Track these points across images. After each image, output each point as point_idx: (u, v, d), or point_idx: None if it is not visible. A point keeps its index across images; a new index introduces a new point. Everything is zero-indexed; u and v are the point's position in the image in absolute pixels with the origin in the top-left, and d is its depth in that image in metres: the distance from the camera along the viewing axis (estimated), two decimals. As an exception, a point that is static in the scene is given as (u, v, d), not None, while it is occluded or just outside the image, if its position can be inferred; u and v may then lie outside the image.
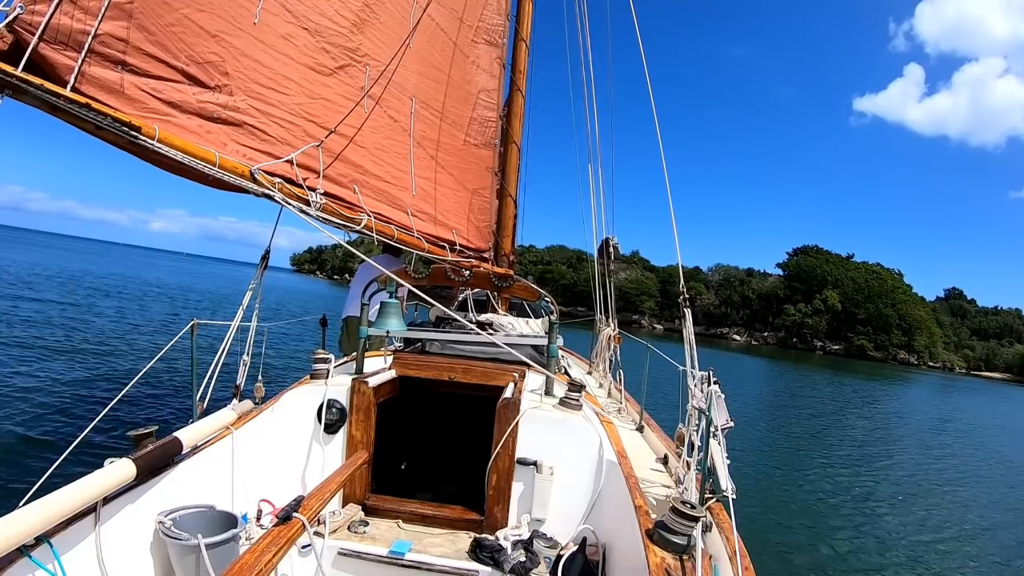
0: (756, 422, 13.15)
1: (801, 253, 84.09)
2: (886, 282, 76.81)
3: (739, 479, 7.35)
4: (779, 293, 78.88)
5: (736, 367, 31.81)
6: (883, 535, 6.57)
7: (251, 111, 3.04)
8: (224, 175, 2.64)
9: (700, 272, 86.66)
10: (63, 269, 32.49)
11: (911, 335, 73.01)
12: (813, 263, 79.91)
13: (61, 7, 2.07)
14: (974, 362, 75.89)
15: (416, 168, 4.45)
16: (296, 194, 3.09)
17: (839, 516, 7.06)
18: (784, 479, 8.53)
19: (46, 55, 2.07)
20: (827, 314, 74.39)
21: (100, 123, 2.12)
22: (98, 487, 1.79)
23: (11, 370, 8.18)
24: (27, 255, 39.13)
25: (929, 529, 6.94)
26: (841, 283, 76.26)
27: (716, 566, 1.79)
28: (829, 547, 5.95)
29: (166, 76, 2.57)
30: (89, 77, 2.22)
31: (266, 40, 3.14)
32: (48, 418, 6.35)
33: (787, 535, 6.16)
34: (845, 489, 8.41)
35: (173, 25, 2.59)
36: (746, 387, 21.38)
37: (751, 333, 78.56)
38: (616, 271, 39.05)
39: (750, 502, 6.95)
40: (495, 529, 2.73)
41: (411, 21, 4.26)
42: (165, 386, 8.46)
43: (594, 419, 3.01)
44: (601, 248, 6.68)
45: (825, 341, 74.99)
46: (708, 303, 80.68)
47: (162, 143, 2.32)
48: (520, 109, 5.99)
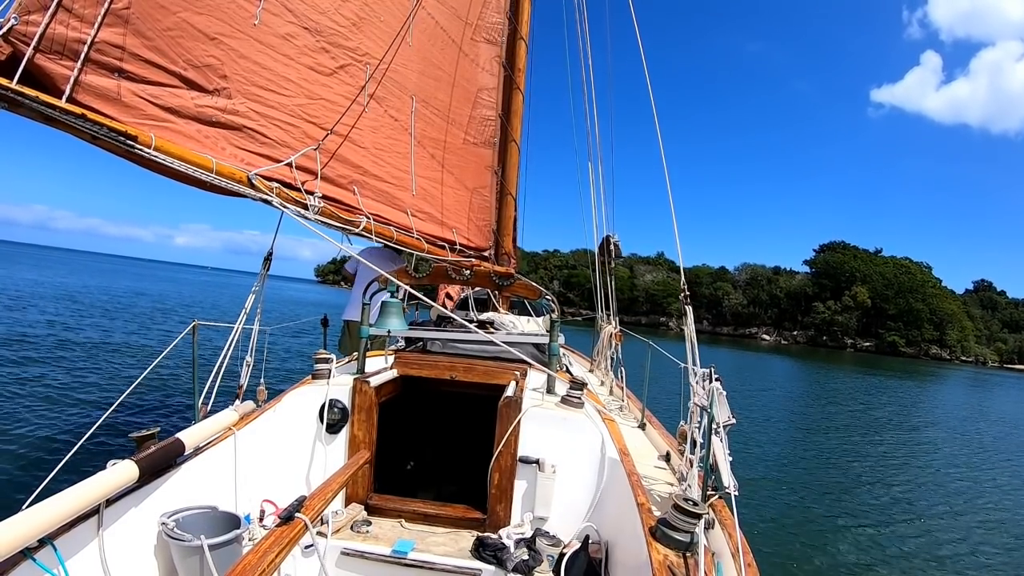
0: (774, 421, 13.02)
1: (828, 249, 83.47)
2: (916, 276, 76.06)
3: (754, 477, 7.28)
4: (807, 291, 78.21)
5: (763, 368, 31.42)
6: (886, 533, 6.55)
7: (250, 114, 3.03)
8: (221, 181, 2.63)
9: (727, 272, 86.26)
10: (84, 284, 32.50)
11: (943, 329, 72.30)
12: (841, 259, 79.27)
13: (56, 16, 2.05)
14: (1007, 355, 75.44)
15: (416, 167, 4.44)
16: (294, 198, 3.09)
17: (841, 514, 7.05)
18: (796, 478, 8.52)
19: (42, 65, 2.05)
20: (857, 311, 73.81)
21: (96, 133, 2.12)
22: (101, 489, 1.80)
23: (15, 374, 8.22)
24: (46, 273, 39.07)
25: (930, 528, 6.91)
26: (870, 279, 75.60)
27: (719, 563, 1.79)
28: (831, 545, 5.94)
29: (164, 81, 2.56)
30: (86, 86, 2.21)
31: (266, 41, 3.13)
32: (51, 421, 6.38)
33: (790, 531, 6.15)
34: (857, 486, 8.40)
35: (170, 29, 2.58)
36: (769, 386, 20.88)
37: (780, 332, 77.90)
38: (642, 273, 39.19)
39: (760, 499, 6.94)
40: (497, 528, 2.74)
41: (410, 21, 4.25)
42: (168, 388, 8.49)
43: (596, 417, 3.01)
44: (602, 246, 6.67)
45: (856, 338, 74.28)
46: (736, 303, 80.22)
47: (158, 151, 2.31)
48: (519, 107, 5.97)
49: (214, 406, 2.85)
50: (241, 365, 3.28)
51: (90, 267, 70.01)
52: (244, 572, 1.38)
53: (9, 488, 4.54)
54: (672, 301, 75.04)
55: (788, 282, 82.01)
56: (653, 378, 3.67)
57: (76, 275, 42.86)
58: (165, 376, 8.95)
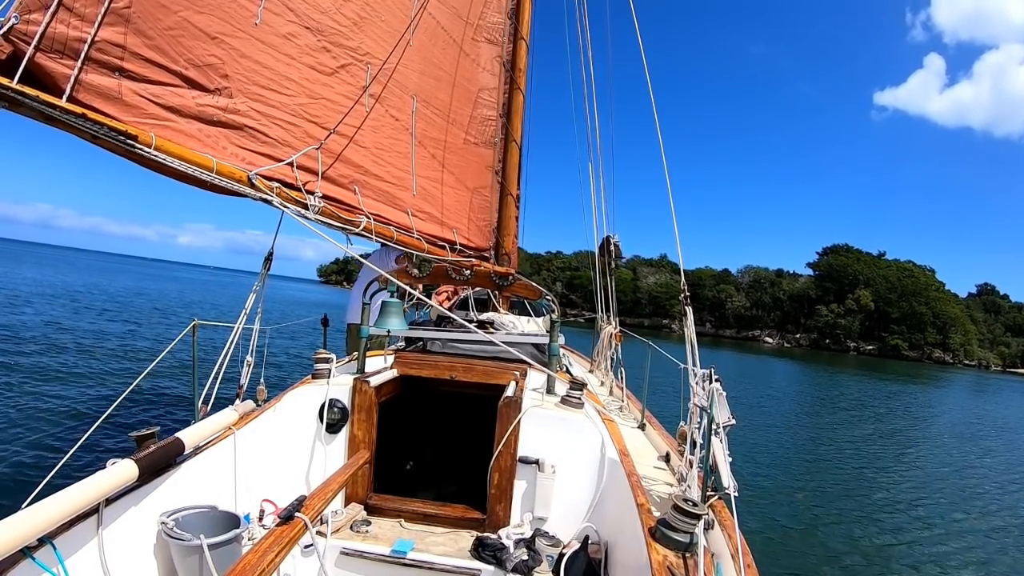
0: (776, 425, 12.95)
1: (831, 252, 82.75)
2: (919, 280, 75.87)
3: (757, 480, 7.20)
4: (811, 294, 77.50)
5: (765, 370, 31.20)
6: (884, 533, 6.55)
7: (251, 113, 3.03)
8: (222, 181, 2.63)
9: (729, 274, 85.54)
10: (83, 282, 32.44)
11: (946, 333, 72.15)
12: (844, 262, 78.79)
13: (57, 15, 2.05)
14: (1010, 359, 75.50)
15: (417, 167, 4.44)
16: (294, 198, 3.08)
17: (841, 514, 7.04)
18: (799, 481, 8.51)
19: (43, 64, 2.05)
20: (860, 314, 73.50)
21: (97, 132, 2.12)
22: (101, 488, 1.80)
23: (15, 373, 8.22)
24: (46, 272, 38.99)
25: (933, 532, 6.90)
26: (873, 282, 75.39)
27: (718, 564, 1.79)
28: (831, 545, 5.94)
29: (165, 80, 2.56)
30: (86, 85, 2.21)
31: (267, 41, 3.13)
32: (51, 420, 6.38)
33: (789, 532, 6.15)
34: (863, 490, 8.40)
35: (172, 28, 2.58)
36: (772, 390, 20.71)
37: (783, 335, 77.09)
38: (645, 275, 38.72)
39: (763, 503, 6.94)
40: (497, 528, 2.73)
41: (414, 23, 4.25)
42: (167, 387, 8.50)
43: (596, 417, 3.01)
44: (602, 246, 6.67)
45: (859, 341, 73.96)
46: (739, 305, 79.48)
47: (159, 151, 2.32)
48: (520, 107, 5.97)
49: (214, 406, 2.85)
50: (241, 365, 3.28)
51: (92, 265, 69.95)
52: (244, 571, 1.38)
53: (9, 487, 4.55)
54: (675, 303, 73.23)
55: (791, 285, 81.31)
56: (653, 379, 3.67)
57: (78, 273, 42.86)
58: (165, 376, 8.96)
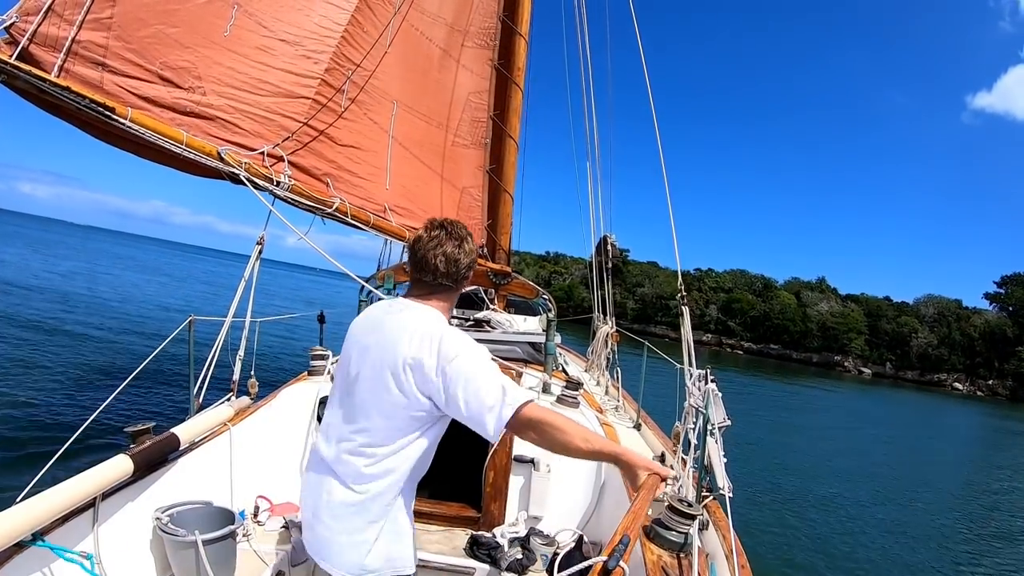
0: None
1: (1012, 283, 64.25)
2: None
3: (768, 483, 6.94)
4: (1007, 332, 59.12)
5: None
6: (879, 534, 6.60)
7: (225, 107, 3.09)
8: (191, 153, 2.78)
9: (907, 305, 66.41)
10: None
11: None
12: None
13: (49, 19, 2.41)
14: None
15: (403, 169, 4.42)
16: (264, 174, 3.07)
17: (838, 515, 7.10)
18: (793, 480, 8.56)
19: (35, 53, 2.39)
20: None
21: (79, 103, 2.37)
22: (95, 483, 1.79)
23: (8, 368, 8.16)
24: None
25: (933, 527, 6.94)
26: None
27: (712, 564, 1.80)
28: (828, 545, 5.99)
29: (142, 77, 2.79)
30: (73, 73, 2.51)
31: (239, 51, 3.18)
32: (45, 414, 6.33)
33: (784, 532, 6.19)
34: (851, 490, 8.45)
35: (148, 38, 2.80)
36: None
37: (973, 380, 59.71)
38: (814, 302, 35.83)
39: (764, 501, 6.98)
40: (492, 526, 2.74)
41: (391, 31, 4.25)
42: (162, 381, 8.45)
43: (591, 417, 3.02)
44: (599, 246, 6.69)
45: None
46: (924, 343, 60.64)
47: (134, 123, 2.54)
48: (518, 105, 5.94)
49: (206, 399, 2.82)
50: (234, 359, 3.24)
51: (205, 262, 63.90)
52: None
53: (3, 481, 4.51)
54: (854, 337, 58.98)
55: (980, 320, 62.56)
56: (651, 380, 3.68)
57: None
58: (158, 369, 8.90)
